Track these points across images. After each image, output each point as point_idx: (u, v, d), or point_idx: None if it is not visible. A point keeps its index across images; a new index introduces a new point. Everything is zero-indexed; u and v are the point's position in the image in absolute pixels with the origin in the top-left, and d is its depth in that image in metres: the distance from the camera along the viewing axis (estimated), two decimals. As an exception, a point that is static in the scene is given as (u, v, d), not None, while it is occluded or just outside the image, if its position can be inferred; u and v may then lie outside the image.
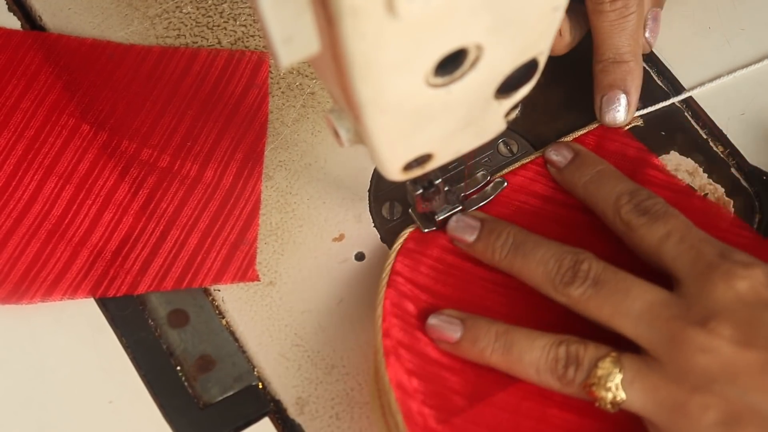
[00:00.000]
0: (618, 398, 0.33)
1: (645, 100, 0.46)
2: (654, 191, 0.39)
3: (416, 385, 0.37)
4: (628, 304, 0.34)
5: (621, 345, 0.35)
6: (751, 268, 0.34)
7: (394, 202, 0.44)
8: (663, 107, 0.46)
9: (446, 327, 0.37)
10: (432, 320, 0.38)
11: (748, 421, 0.31)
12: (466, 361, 0.38)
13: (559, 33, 0.43)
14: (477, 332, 0.37)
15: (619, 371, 0.33)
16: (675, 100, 0.46)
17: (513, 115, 0.34)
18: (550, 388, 0.36)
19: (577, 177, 0.41)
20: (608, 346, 0.35)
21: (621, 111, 0.44)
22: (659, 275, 0.36)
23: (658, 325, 0.33)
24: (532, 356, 0.35)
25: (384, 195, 0.45)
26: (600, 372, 0.34)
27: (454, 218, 0.41)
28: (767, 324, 0.32)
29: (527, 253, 0.37)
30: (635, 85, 0.44)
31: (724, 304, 0.33)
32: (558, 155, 0.43)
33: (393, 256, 0.40)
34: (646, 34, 0.44)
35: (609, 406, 0.34)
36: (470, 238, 0.40)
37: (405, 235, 0.41)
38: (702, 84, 0.47)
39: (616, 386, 0.33)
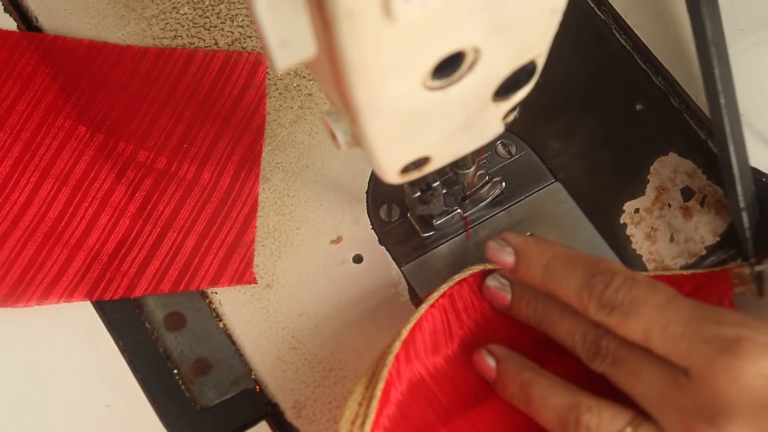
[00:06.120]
0: None
1: (645, 101, 0.46)
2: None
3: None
4: (642, 387, 0.34)
5: None
6: (754, 357, 0.32)
7: (392, 204, 0.44)
8: (665, 108, 0.46)
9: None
10: (490, 281, 0.39)
11: None
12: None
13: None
14: (506, 379, 0.37)
15: None
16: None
17: (511, 117, 0.34)
18: None
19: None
20: (626, 409, 0.34)
21: None
22: None
23: (670, 413, 0.33)
24: (547, 416, 0.35)
25: (382, 197, 0.44)
26: None
27: (489, 278, 0.40)
28: None
29: (554, 322, 0.37)
30: None
31: (730, 401, 0.31)
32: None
33: (455, 280, 0.39)
34: None
35: None
36: (506, 297, 0.39)
37: (474, 271, 0.40)
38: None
39: None
